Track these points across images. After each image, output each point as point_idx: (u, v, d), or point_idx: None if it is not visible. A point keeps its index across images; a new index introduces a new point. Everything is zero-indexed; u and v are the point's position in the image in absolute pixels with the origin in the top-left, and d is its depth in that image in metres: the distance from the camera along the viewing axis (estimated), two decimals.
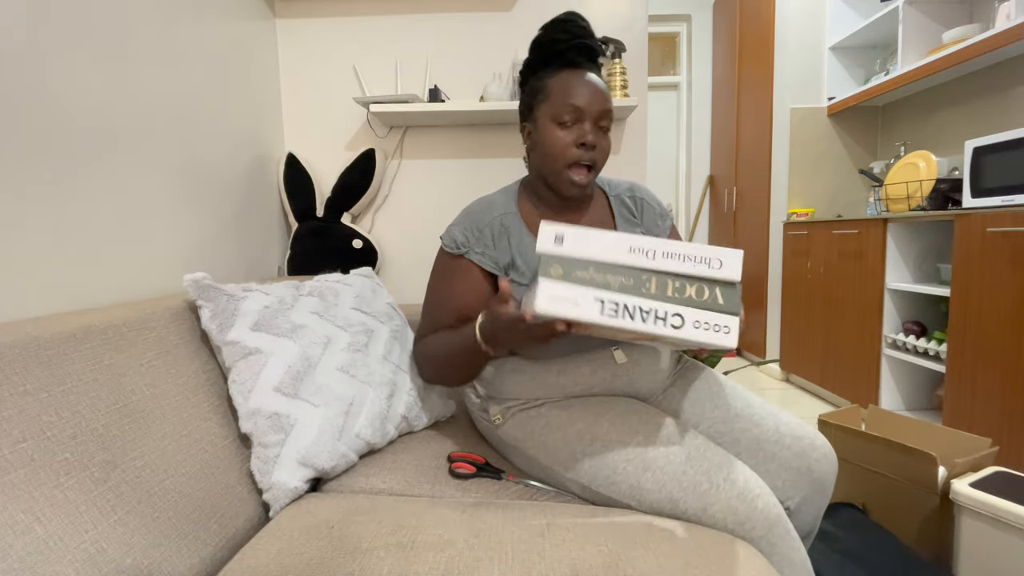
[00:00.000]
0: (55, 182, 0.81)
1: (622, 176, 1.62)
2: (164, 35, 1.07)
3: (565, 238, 0.59)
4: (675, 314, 0.57)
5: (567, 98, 0.80)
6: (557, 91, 0.81)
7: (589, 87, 0.80)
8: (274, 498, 0.75)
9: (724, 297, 0.58)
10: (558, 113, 0.81)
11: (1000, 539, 0.98)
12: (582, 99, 0.80)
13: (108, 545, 0.54)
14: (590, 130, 0.80)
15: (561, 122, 0.81)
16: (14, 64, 0.74)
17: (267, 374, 0.79)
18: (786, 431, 0.80)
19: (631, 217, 0.93)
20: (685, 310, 0.58)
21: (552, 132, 0.82)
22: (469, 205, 0.91)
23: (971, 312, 1.57)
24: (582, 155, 0.81)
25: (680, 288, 0.58)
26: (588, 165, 0.82)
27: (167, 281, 1.05)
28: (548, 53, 0.84)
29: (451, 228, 0.89)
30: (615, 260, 0.59)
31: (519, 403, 0.87)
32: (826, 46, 2.63)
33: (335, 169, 1.58)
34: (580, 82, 0.81)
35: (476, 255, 0.85)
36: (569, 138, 0.81)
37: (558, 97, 0.81)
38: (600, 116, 0.81)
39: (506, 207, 0.88)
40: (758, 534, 0.66)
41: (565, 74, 0.82)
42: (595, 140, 0.81)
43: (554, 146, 0.82)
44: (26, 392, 0.55)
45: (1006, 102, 1.96)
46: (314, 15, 1.58)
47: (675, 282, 0.59)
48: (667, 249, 0.59)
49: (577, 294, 0.57)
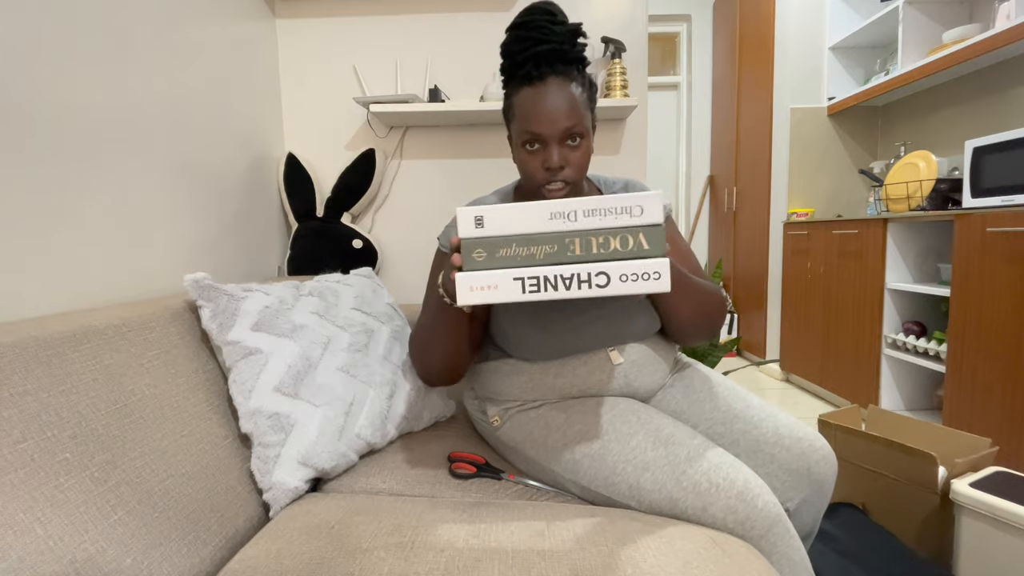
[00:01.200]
0: (55, 182, 0.81)
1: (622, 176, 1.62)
2: (164, 35, 1.07)
3: (484, 219, 0.58)
4: (599, 272, 0.57)
5: (526, 124, 0.76)
6: (519, 114, 0.77)
7: (547, 108, 0.74)
8: (274, 498, 0.75)
9: (649, 242, 0.57)
10: (522, 137, 0.77)
11: (1000, 539, 0.98)
12: (541, 125, 0.74)
13: (108, 545, 0.54)
14: (555, 152, 0.75)
15: (527, 144, 0.77)
16: (14, 64, 0.74)
17: (267, 374, 0.79)
18: (785, 432, 0.80)
19: None
20: (610, 266, 0.57)
21: (521, 154, 0.79)
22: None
23: (971, 312, 1.57)
24: (551, 177, 0.77)
25: (604, 243, 0.58)
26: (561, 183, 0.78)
27: (167, 281, 1.05)
28: (508, 66, 0.79)
29: (448, 229, 0.88)
30: (537, 229, 0.58)
31: (516, 405, 0.87)
32: (826, 46, 2.63)
33: (335, 169, 1.58)
34: (539, 103, 0.75)
35: None
36: (536, 162, 0.77)
37: (520, 121, 0.77)
38: (564, 135, 0.75)
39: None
40: (758, 533, 0.66)
41: (524, 92, 0.76)
42: (561, 161, 0.76)
43: (524, 169, 0.79)
44: (26, 392, 0.55)
45: (1006, 102, 1.96)
46: (314, 15, 1.58)
47: (598, 238, 0.58)
48: (587, 207, 0.58)
49: (497, 278, 0.57)
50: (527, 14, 0.77)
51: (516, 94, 0.78)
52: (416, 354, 0.90)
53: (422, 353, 0.88)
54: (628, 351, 0.84)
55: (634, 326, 0.84)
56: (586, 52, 0.81)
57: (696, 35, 3.54)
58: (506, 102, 0.82)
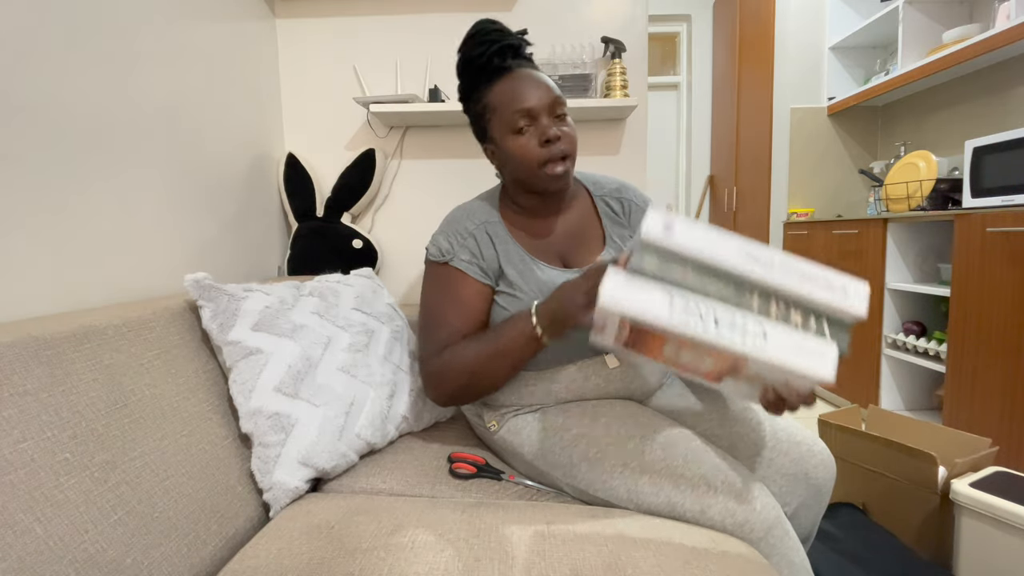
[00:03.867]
0: (55, 182, 0.81)
1: (622, 177, 1.62)
2: (164, 35, 1.07)
3: (675, 227, 0.49)
4: (760, 329, 0.47)
5: (513, 104, 0.78)
6: (501, 103, 0.79)
7: (529, 84, 0.78)
8: (274, 498, 0.75)
9: (832, 333, 0.48)
10: (511, 123, 0.79)
11: (1000, 539, 0.98)
12: (529, 99, 0.77)
13: (108, 545, 0.54)
14: (549, 124, 0.78)
15: (517, 130, 0.79)
16: (15, 64, 0.74)
17: (268, 374, 0.79)
18: (784, 436, 0.79)
19: (617, 218, 0.91)
20: (776, 328, 0.48)
21: (514, 143, 0.80)
22: (450, 213, 0.89)
23: (971, 312, 1.57)
24: (551, 151, 0.78)
25: (784, 312, 0.49)
26: (561, 156, 0.79)
27: (167, 281, 1.05)
28: (473, 73, 0.82)
29: (435, 237, 0.86)
30: (723, 263, 0.49)
31: (513, 409, 0.87)
32: (826, 46, 2.63)
33: (335, 169, 1.58)
34: (519, 84, 0.79)
35: (461, 262, 0.82)
36: (532, 141, 0.79)
37: (504, 108, 0.79)
38: (553, 106, 0.79)
39: (488, 215, 0.86)
40: (757, 535, 0.65)
41: (500, 83, 0.80)
42: (557, 131, 0.78)
43: (521, 155, 0.79)
44: (26, 392, 0.55)
45: (1006, 102, 1.95)
46: (314, 15, 1.58)
47: (781, 303, 0.49)
48: (787, 262, 0.49)
49: (654, 291, 0.49)
50: (474, 27, 0.83)
51: (490, 90, 0.81)
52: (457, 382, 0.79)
53: (472, 380, 0.78)
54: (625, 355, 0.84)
55: None
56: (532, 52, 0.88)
57: (696, 35, 3.54)
58: (478, 107, 0.84)
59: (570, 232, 0.88)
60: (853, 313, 0.48)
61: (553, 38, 1.59)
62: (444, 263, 0.84)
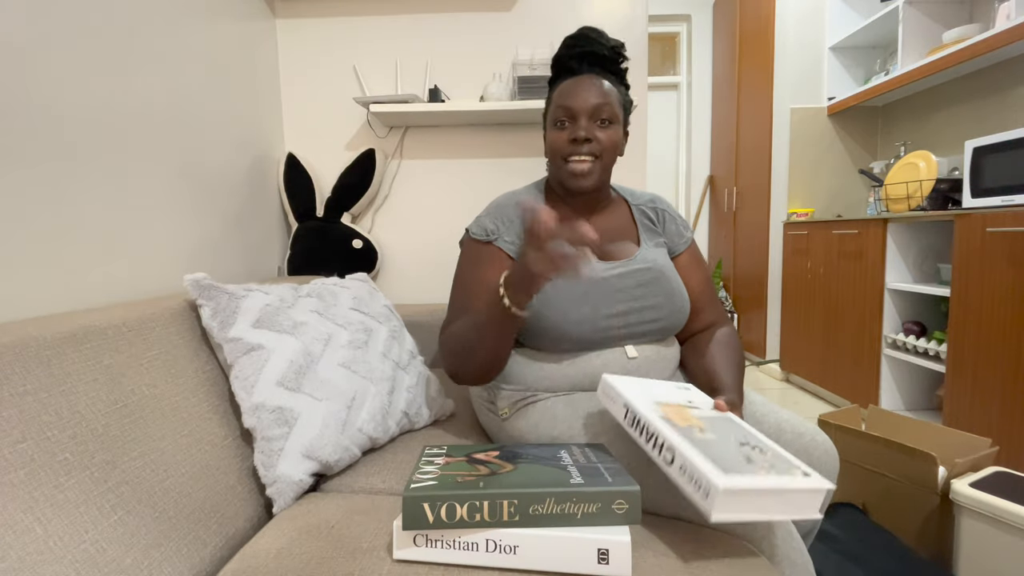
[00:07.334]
0: (55, 182, 0.81)
1: (622, 178, 1.62)
2: (164, 35, 1.07)
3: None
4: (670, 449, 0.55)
5: (559, 100, 0.86)
6: (555, 98, 0.87)
7: (582, 87, 0.84)
8: (279, 492, 0.74)
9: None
10: (554, 116, 0.86)
11: (1000, 539, 0.98)
12: (572, 99, 0.84)
13: (108, 545, 0.54)
14: (583, 126, 0.83)
15: (558, 123, 0.86)
16: (15, 64, 0.74)
17: (270, 369, 0.79)
18: (787, 427, 0.80)
19: (652, 227, 0.96)
20: (691, 452, 0.53)
21: (551, 134, 0.87)
22: (497, 198, 0.95)
23: (971, 312, 1.57)
24: (575, 149, 0.84)
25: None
26: (588, 156, 0.85)
27: (167, 281, 1.05)
28: (553, 70, 0.91)
29: (480, 218, 0.91)
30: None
31: (526, 396, 0.87)
32: (826, 46, 2.63)
33: (335, 169, 1.58)
34: (574, 85, 0.85)
35: (505, 243, 0.88)
36: (564, 137, 0.85)
37: (554, 103, 0.87)
38: (595, 111, 0.83)
39: (535, 201, 0.89)
40: (759, 535, 0.65)
41: (564, 82, 0.87)
42: (589, 134, 0.83)
43: (551, 146, 0.87)
44: (26, 392, 0.55)
45: (1006, 102, 1.96)
46: (314, 15, 1.58)
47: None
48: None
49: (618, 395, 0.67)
50: (578, 32, 0.89)
51: (556, 87, 0.89)
52: (454, 353, 0.83)
53: (463, 353, 0.81)
54: (644, 347, 0.85)
55: (653, 327, 0.85)
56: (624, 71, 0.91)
57: (696, 35, 3.54)
58: (547, 99, 0.91)
59: (606, 229, 0.93)
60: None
61: (553, 38, 1.59)
62: (488, 242, 0.88)
